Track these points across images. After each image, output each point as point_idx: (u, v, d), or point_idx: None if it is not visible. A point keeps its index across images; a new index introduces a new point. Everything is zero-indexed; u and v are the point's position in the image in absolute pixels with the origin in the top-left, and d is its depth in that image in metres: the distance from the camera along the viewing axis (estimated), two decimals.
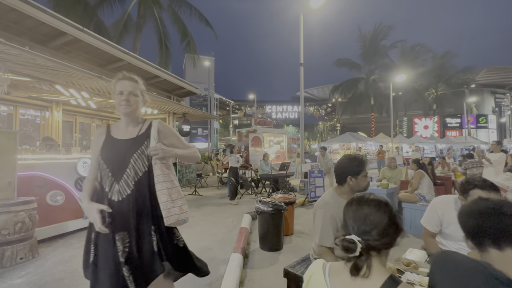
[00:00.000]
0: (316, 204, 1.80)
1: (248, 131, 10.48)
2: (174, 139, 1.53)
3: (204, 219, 4.79)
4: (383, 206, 0.85)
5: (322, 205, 1.73)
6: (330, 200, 1.73)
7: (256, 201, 3.73)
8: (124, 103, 1.39)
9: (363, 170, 1.70)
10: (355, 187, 1.72)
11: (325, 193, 1.88)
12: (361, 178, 1.70)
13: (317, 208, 1.77)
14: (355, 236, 0.80)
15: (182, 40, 11.59)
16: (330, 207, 1.68)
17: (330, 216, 1.65)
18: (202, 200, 6.63)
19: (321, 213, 1.69)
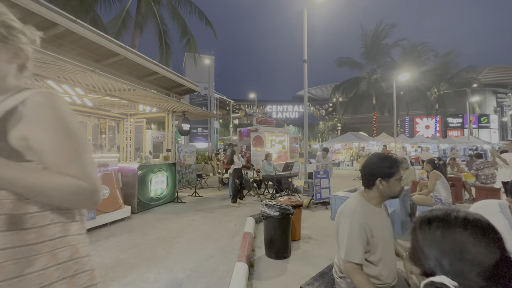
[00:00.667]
0: (340, 211, 1.53)
1: (250, 130, 10.20)
2: (49, 139, 0.66)
3: (205, 223, 4.51)
4: (490, 232, 0.57)
5: (348, 213, 1.46)
6: (357, 206, 1.46)
7: (261, 204, 3.45)
8: None
9: (396, 173, 1.44)
10: (386, 192, 1.46)
11: (350, 198, 1.61)
12: (393, 182, 1.44)
13: (341, 216, 1.50)
14: (448, 280, 0.52)
15: (182, 37, 11.31)
16: (358, 215, 1.41)
17: (358, 226, 1.38)
18: (202, 202, 6.35)
19: (346, 223, 1.42)
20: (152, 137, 9.18)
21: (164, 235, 3.85)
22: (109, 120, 8.24)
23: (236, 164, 5.95)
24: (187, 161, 6.83)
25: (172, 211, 5.40)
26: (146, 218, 4.89)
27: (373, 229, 1.40)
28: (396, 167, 1.45)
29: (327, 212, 5.63)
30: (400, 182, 1.49)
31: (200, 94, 27.70)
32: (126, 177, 5.31)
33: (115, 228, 4.25)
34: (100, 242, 3.55)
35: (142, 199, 5.40)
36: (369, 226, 1.40)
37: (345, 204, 1.55)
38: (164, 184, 6.14)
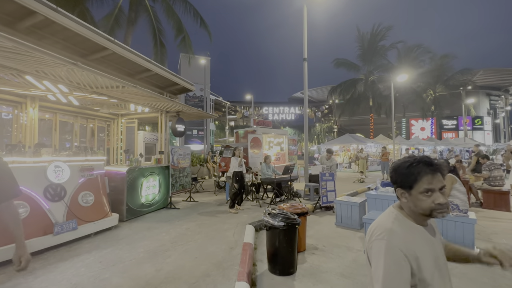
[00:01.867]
0: (371, 232, 1.11)
1: (247, 131, 9.84)
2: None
3: (200, 233, 4.11)
4: None
5: (382, 235, 1.03)
6: (394, 225, 1.05)
7: (264, 213, 3.09)
8: None
9: (419, 181, 1.02)
10: (413, 208, 1.05)
11: (383, 214, 1.17)
12: (416, 196, 1.02)
13: (372, 239, 1.06)
14: None
15: (177, 35, 10.91)
16: (396, 238, 1.00)
17: (398, 254, 0.98)
18: (197, 208, 5.94)
19: (380, 249, 1.01)
20: (145, 138, 8.73)
21: (154, 248, 3.44)
22: (99, 121, 7.79)
23: (234, 168, 5.57)
24: (181, 164, 6.42)
25: (164, 219, 4.97)
26: (135, 227, 4.46)
27: (420, 258, 1.00)
28: (417, 173, 1.02)
29: (332, 217, 5.29)
30: (434, 195, 1.02)
31: (195, 96, 27.26)
32: (114, 181, 4.88)
33: (100, 239, 3.82)
34: (80, 258, 3.12)
35: (131, 206, 4.97)
36: (414, 253, 0.99)
37: (377, 222, 1.14)
38: (156, 189, 5.72)
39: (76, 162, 4.06)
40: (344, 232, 4.40)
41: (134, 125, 8.01)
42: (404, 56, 24.11)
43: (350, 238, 4.08)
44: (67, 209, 3.71)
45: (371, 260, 1.07)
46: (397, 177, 1.07)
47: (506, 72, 28.62)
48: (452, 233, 3.53)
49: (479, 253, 1.14)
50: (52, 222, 3.47)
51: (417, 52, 24.34)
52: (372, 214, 3.64)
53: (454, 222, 3.53)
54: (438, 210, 1.00)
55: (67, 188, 3.78)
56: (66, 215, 3.68)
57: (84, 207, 3.96)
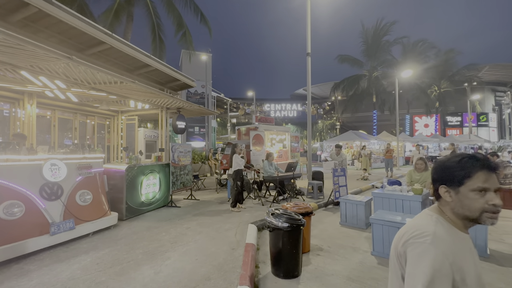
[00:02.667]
0: (408, 234, 0.91)
1: (249, 128, 9.69)
2: None
3: (201, 232, 3.99)
4: None
5: (425, 238, 0.85)
6: (438, 229, 0.88)
7: (267, 213, 2.95)
8: None
9: (472, 177, 0.87)
10: (458, 210, 0.90)
11: (418, 217, 1.00)
12: (466, 193, 0.87)
13: (411, 242, 0.88)
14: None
15: (177, 31, 10.72)
16: (442, 244, 0.84)
17: (443, 262, 0.81)
18: (199, 207, 5.83)
19: (424, 253, 0.83)
20: (145, 135, 8.62)
21: (153, 249, 3.33)
22: (98, 118, 7.67)
23: (237, 165, 5.43)
24: (182, 161, 6.29)
25: (165, 218, 4.87)
26: (135, 226, 4.36)
27: (465, 270, 0.84)
28: (470, 168, 0.88)
29: (336, 216, 5.15)
30: (489, 195, 0.91)
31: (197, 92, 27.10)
32: (113, 180, 4.77)
33: (98, 239, 3.72)
34: (77, 259, 3.02)
35: (131, 204, 4.87)
36: (459, 264, 0.83)
37: (413, 224, 0.95)
38: (156, 187, 5.61)
39: (73, 160, 3.95)
40: (349, 232, 4.26)
41: (135, 122, 7.89)
42: (408, 52, 23.71)
43: (356, 238, 3.94)
44: (64, 208, 3.60)
45: (406, 265, 0.91)
46: (443, 173, 0.93)
47: None
48: None
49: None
50: (49, 221, 3.37)
51: (422, 48, 23.91)
52: (379, 214, 3.50)
53: None
54: (490, 213, 0.85)
55: (64, 186, 3.67)
56: (63, 215, 3.57)
57: (82, 206, 3.86)
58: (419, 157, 4.79)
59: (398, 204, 3.87)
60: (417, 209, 3.67)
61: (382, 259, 3.17)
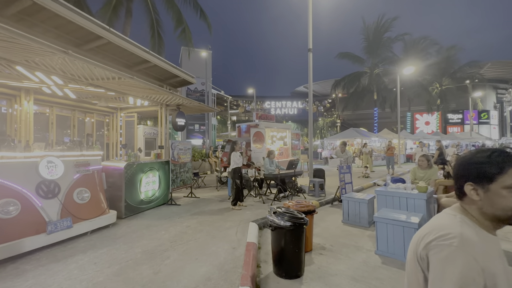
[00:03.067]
0: (431, 235, 0.83)
1: (249, 125, 9.59)
2: None
3: (201, 231, 3.92)
4: None
5: (452, 240, 0.77)
6: (466, 231, 0.79)
7: (268, 212, 2.88)
8: None
9: (505, 173, 0.79)
10: (487, 209, 0.81)
11: (439, 216, 0.91)
12: (497, 191, 0.79)
13: (436, 244, 0.80)
14: None
15: (177, 27, 10.57)
16: (472, 247, 0.76)
17: (473, 266, 0.73)
18: (199, 204, 5.76)
19: (451, 257, 0.75)
20: (144, 133, 8.53)
21: (152, 248, 3.26)
22: (97, 115, 7.58)
23: (234, 164, 5.36)
24: (182, 159, 6.21)
25: (164, 216, 4.80)
26: (134, 224, 4.29)
27: (497, 276, 0.75)
28: (502, 163, 0.80)
29: (338, 214, 5.08)
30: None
31: (197, 90, 26.97)
32: (111, 177, 4.69)
33: (96, 238, 3.65)
34: (74, 258, 2.95)
35: (130, 202, 4.80)
36: (490, 268, 0.74)
37: (436, 224, 0.86)
38: (156, 185, 5.54)
39: (70, 157, 3.87)
40: (352, 230, 4.19)
41: (134, 119, 7.81)
42: (410, 49, 23.51)
43: (359, 236, 3.87)
44: (61, 206, 3.53)
45: (428, 270, 0.82)
46: (470, 169, 0.84)
47: None
48: None
49: None
50: (45, 220, 3.30)
51: (424, 44, 23.70)
52: (383, 212, 3.42)
53: None
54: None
55: (61, 184, 3.60)
56: (61, 213, 3.50)
57: (79, 204, 3.79)
58: (422, 154, 4.71)
59: (402, 202, 3.79)
60: (422, 207, 3.60)
61: (386, 259, 3.10)
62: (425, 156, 4.67)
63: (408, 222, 3.02)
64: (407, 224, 3.02)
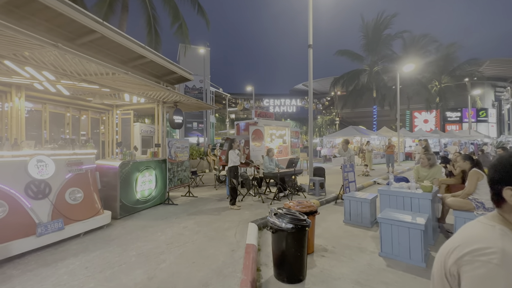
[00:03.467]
0: (464, 248, 0.72)
1: (248, 123, 9.45)
2: None
3: (199, 232, 3.79)
4: None
5: (492, 256, 0.67)
6: (508, 245, 0.68)
7: (269, 213, 2.75)
8: None
9: None
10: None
11: (473, 226, 0.80)
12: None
13: (471, 260, 0.69)
14: None
15: (173, 23, 10.35)
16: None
17: None
18: (196, 204, 5.63)
19: (491, 276, 0.65)
20: (141, 131, 8.36)
21: (148, 250, 3.13)
22: (92, 112, 7.40)
23: (231, 162, 5.22)
24: (179, 157, 6.07)
25: (161, 216, 4.66)
26: (129, 225, 4.15)
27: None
28: None
29: (339, 214, 4.97)
30: None
31: (195, 87, 26.75)
32: (106, 177, 4.54)
33: (89, 239, 3.51)
34: (64, 262, 2.81)
35: (125, 202, 4.65)
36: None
37: (470, 235, 0.75)
38: (152, 184, 5.39)
39: (62, 156, 3.71)
40: (354, 230, 4.08)
41: (130, 117, 7.63)
42: (409, 46, 23.39)
43: (361, 237, 3.76)
44: (52, 207, 3.38)
45: (461, 284, 0.70)
46: (508, 171, 0.73)
47: None
48: None
49: None
50: (35, 222, 3.15)
51: (423, 42, 23.59)
52: (387, 212, 3.30)
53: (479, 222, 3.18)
54: None
55: (52, 184, 3.45)
56: (52, 214, 3.35)
57: (72, 205, 3.64)
58: (425, 152, 4.60)
59: (406, 202, 3.68)
60: (427, 207, 3.48)
61: (391, 261, 2.98)
62: (426, 154, 4.56)
63: (414, 223, 2.90)
64: (412, 225, 2.91)
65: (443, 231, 3.97)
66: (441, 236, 3.79)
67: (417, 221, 2.94)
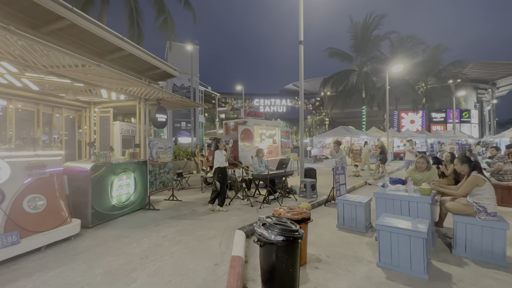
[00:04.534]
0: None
1: (237, 123, 9.10)
2: None
3: (179, 242, 3.40)
4: None
5: None
6: None
7: (256, 223, 2.41)
8: None
9: None
10: None
11: None
12: None
13: None
14: None
15: (158, 16, 9.81)
16: None
17: None
18: (180, 209, 5.22)
19: None
20: (122, 130, 7.83)
21: (117, 267, 2.72)
22: (67, 110, 6.82)
23: (217, 163, 4.87)
24: (161, 158, 5.63)
25: (139, 223, 4.23)
26: (101, 235, 3.71)
27: None
28: None
29: (331, 218, 4.71)
30: None
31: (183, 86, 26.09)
32: (76, 181, 4.07)
33: (51, 254, 3.05)
34: (14, 285, 2.36)
35: (99, 209, 4.19)
36: None
37: None
38: (131, 188, 4.94)
39: (20, 158, 3.24)
40: (349, 236, 3.82)
41: (109, 115, 7.10)
42: (397, 47, 23.74)
43: (357, 244, 3.50)
44: (5, 218, 2.91)
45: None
46: None
47: (495, 65, 28.90)
48: (478, 240, 3.00)
49: None
50: None
51: (410, 43, 24.00)
52: (386, 219, 3.05)
53: (482, 227, 2.99)
54: None
55: (6, 191, 2.97)
56: (4, 226, 2.88)
57: (31, 214, 3.17)
58: (421, 156, 4.41)
59: (403, 206, 3.44)
60: (426, 212, 3.26)
61: (391, 272, 2.72)
62: (424, 157, 4.37)
63: (415, 231, 2.65)
64: (414, 233, 2.66)
65: (440, 236, 3.78)
66: (439, 241, 3.59)
67: (419, 228, 2.69)
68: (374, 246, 3.42)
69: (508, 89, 38.96)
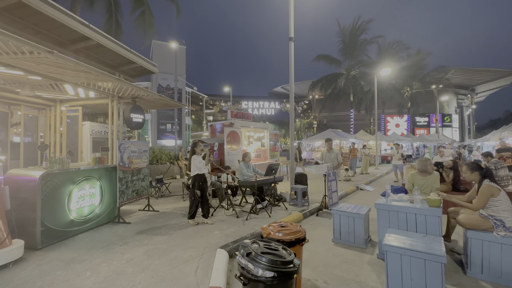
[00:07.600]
0: None
1: (224, 124, 8.53)
2: None
3: (147, 268, 2.78)
4: None
5: None
6: None
7: (239, 253, 1.86)
8: None
9: None
10: None
11: None
12: None
13: None
14: None
15: (135, 8, 9.04)
16: None
17: None
18: (155, 221, 4.57)
19: None
20: (92, 131, 7.04)
21: None
22: (26, 108, 5.99)
23: (196, 169, 4.29)
24: (134, 163, 4.96)
25: (101, 242, 3.56)
26: (50, 260, 3.01)
27: None
28: None
29: (326, 229, 4.24)
30: None
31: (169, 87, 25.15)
32: (22, 192, 3.34)
33: None
34: None
35: (52, 226, 3.48)
36: None
37: None
38: (95, 199, 4.24)
39: None
40: (347, 254, 3.34)
41: (78, 114, 6.33)
42: (384, 52, 24.12)
43: (358, 265, 3.02)
44: None
45: None
46: None
47: (475, 72, 30.08)
48: (497, 260, 2.60)
49: None
50: None
51: (396, 48, 24.47)
52: (394, 236, 2.59)
53: (501, 244, 2.59)
54: None
55: None
56: None
57: None
58: (426, 158, 4.03)
59: (410, 219, 3.00)
60: (436, 226, 2.83)
61: None
62: (427, 160, 4.00)
63: (432, 254, 2.20)
64: (430, 256, 2.20)
65: (447, 251, 3.38)
66: (448, 258, 3.18)
67: (435, 250, 2.24)
68: (377, 266, 2.96)
69: (486, 94, 40.82)
